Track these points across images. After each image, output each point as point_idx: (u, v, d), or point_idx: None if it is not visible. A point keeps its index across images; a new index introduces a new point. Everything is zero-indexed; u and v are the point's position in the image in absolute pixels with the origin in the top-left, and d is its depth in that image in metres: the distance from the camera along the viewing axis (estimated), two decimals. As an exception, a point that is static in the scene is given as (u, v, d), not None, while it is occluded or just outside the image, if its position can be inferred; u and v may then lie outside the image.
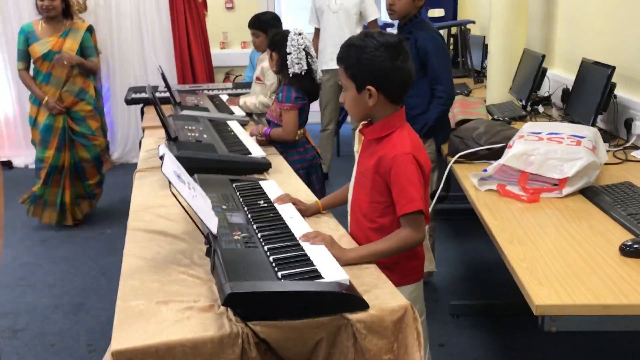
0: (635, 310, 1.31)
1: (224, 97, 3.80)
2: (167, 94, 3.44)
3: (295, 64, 2.69)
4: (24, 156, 5.90)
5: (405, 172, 1.57)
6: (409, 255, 1.72)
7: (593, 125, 2.52)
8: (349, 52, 1.62)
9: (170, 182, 1.45)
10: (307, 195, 2.09)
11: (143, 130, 3.54)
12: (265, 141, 2.79)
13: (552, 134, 2.15)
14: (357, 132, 1.85)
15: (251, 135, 2.79)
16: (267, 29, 3.42)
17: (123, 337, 1.24)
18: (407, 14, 2.77)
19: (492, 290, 3.03)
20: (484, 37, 4.75)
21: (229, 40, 6.54)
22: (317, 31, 4.56)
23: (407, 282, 1.75)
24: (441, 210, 3.91)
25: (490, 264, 3.31)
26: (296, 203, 1.86)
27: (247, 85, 4.31)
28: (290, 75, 2.71)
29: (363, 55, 1.59)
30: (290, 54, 2.68)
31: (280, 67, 2.76)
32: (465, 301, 2.86)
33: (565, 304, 1.32)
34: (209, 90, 4.27)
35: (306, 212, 1.86)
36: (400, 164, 1.58)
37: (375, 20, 4.51)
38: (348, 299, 1.30)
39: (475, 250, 3.48)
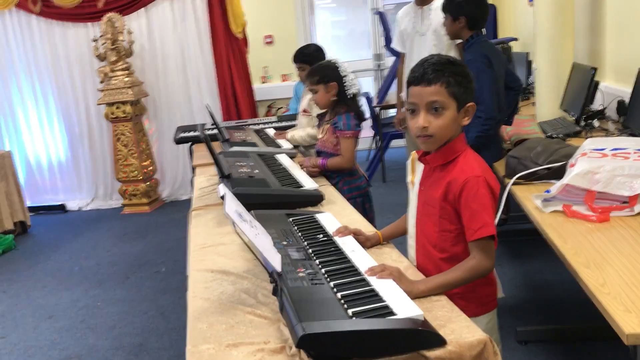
0: None
1: (270, 131, 3.83)
2: (215, 131, 3.48)
3: (352, 86, 2.74)
4: (78, 199, 6.06)
5: (477, 196, 1.52)
6: (485, 282, 1.67)
7: (657, 137, 2.42)
8: (450, 69, 1.55)
9: (233, 222, 1.44)
10: (364, 226, 2.05)
11: (193, 169, 3.58)
12: (317, 172, 2.78)
13: (616, 149, 2.06)
14: (409, 162, 1.81)
15: (301, 166, 2.79)
16: (313, 62, 3.44)
17: (197, 383, 1.22)
18: (456, 36, 2.85)
19: (558, 313, 2.90)
20: (527, 53, 4.67)
21: (270, 74, 6.63)
22: (402, 56, 4.16)
23: (484, 311, 1.70)
24: (498, 232, 3.81)
25: (555, 285, 3.18)
26: (357, 233, 1.82)
27: (291, 117, 4.33)
28: (350, 97, 2.76)
29: (465, 72, 1.56)
30: (345, 76, 2.74)
31: (339, 94, 2.77)
32: (533, 326, 2.75)
33: (658, 331, 1.23)
34: (254, 124, 4.31)
35: (366, 242, 1.82)
36: (471, 188, 1.52)
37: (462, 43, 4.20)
38: (424, 335, 1.25)
39: (536, 272, 3.36)
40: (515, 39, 5.02)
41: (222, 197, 1.52)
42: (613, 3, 3.43)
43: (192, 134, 4.21)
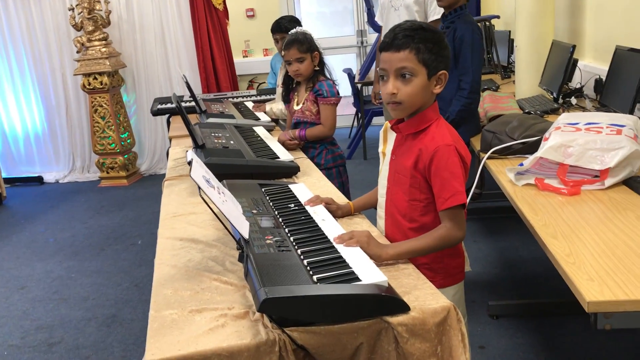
0: (695, 304, 1.23)
1: (249, 104, 3.78)
2: (193, 103, 3.43)
3: (323, 58, 2.77)
4: (55, 172, 5.98)
5: (447, 164, 1.50)
6: (453, 253, 1.67)
7: (631, 114, 2.43)
8: (421, 35, 1.51)
9: (199, 187, 1.42)
10: (337, 197, 2.04)
11: (170, 140, 3.54)
12: (295, 145, 2.75)
13: (590, 124, 2.07)
14: (381, 132, 1.79)
15: (279, 141, 2.76)
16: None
17: (157, 348, 1.21)
18: (454, 2, 2.77)
19: (531, 288, 2.94)
20: (509, 31, 4.65)
21: (251, 49, 6.55)
22: (380, 29, 4.28)
23: (451, 282, 1.69)
24: (475, 209, 3.84)
25: (527, 261, 3.21)
26: (328, 202, 1.80)
27: (271, 91, 4.29)
28: (325, 71, 2.77)
29: (437, 39, 1.53)
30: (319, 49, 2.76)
31: (319, 64, 2.77)
32: (505, 301, 2.77)
33: (619, 300, 1.24)
34: (233, 97, 4.26)
35: (337, 212, 1.81)
36: (441, 157, 1.51)
37: (437, 21, 3.91)
38: (388, 302, 1.25)
39: (511, 249, 3.39)
40: (498, 17, 5.00)
41: (190, 163, 1.49)
42: (594, -19, 3.42)
43: (169, 105, 4.16)
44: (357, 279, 1.30)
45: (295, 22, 3.63)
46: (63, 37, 5.71)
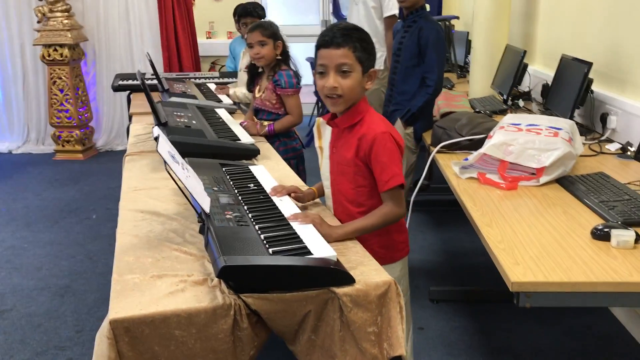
0: (602, 287, 1.40)
1: (212, 86, 3.85)
2: (155, 81, 3.47)
3: (288, 50, 2.85)
4: (9, 142, 5.88)
5: (385, 150, 1.66)
6: (399, 230, 1.82)
7: (571, 119, 2.62)
8: (357, 35, 1.67)
9: (165, 162, 1.51)
10: (295, 181, 2.15)
11: (130, 117, 3.57)
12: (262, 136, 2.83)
13: (531, 125, 2.24)
14: (315, 127, 1.90)
15: (246, 131, 2.82)
16: (258, 18, 3.49)
17: (120, 307, 1.30)
18: (416, 2, 2.90)
19: (470, 277, 3.13)
20: (468, 32, 4.84)
21: (215, 30, 6.56)
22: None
23: (399, 256, 1.86)
24: (423, 201, 4.01)
25: (469, 252, 3.41)
26: (294, 191, 1.88)
27: (234, 74, 4.35)
28: (288, 61, 2.87)
29: (369, 40, 1.69)
30: (284, 39, 2.86)
31: (282, 54, 2.86)
32: (445, 287, 2.95)
33: (538, 281, 1.40)
34: (196, 78, 4.31)
35: (304, 199, 1.90)
36: (379, 143, 1.66)
37: (393, 17, 4.01)
38: (335, 274, 1.37)
39: (455, 240, 3.58)
40: (457, 17, 5.18)
41: (156, 139, 1.57)
42: (547, -9, 3.62)
43: (131, 82, 4.17)
44: (309, 253, 1.42)
45: (261, 9, 3.72)
46: (23, 5, 5.60)
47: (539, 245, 1.58)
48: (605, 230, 1.61)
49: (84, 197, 4.45)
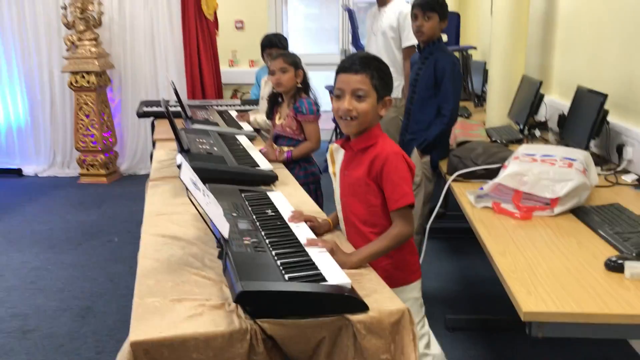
0: (616, 319, 1.41)
1: (233, 113, 3.93)
2: (179, 108, 3.56)
3: (309, 80, 2.98)
4: (35, 165, 6.03)
5: (397, 169, 1.71)
6: (411, 251, 1.88)
7: (586, 149, 2.64)
8: (375, 63, 1.76)
9: (187, 189, 1.57)
10: (312, 207, 2.20)
11: (154, 143, 3.67)
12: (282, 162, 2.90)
13: (545, 156, 2.26)
14: (328, 155, 1.96)
15: (265, 157, 2.88)
16: (284, 49, 3.63)
17: (140, 330, 1.34)
18: (433, 36, 2.97)
19: (487, 305, 3.12)
20: (485, 62, 4.89)
21: (238, 59, 6.71)
22: None
23: (414, 278, 1.90)
24: (440, 228, 4.02)
25: (486, 280, 3.40)
26: (310, 220, 1.91)
27: (254, 102, 4.45)
28: (308, 90, 2.99)
29: (386, 69, 1.77)
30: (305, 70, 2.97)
31: (302, 83, 2.96)
32: (461, 315, 2.95)
33: (551, 312, 1.42)
34: (218, 105, 4.40)
35: (319, 229, 1.92)
36: (391, 163, 1.71)
37: (411, 47, 3.95)
38: (350, 301, 1.41)
39: (471, 267, 3.58)
40: (474, 48, 5.24)
41: (179, 166, 1.63)
42: (562, 23, 3.67)
43: (155, 108, 4.28)
44: (324, 280, 1.46)
45: (285, 40, 3.84)
46: (53, 34, 5.79)
47: (552, 276, 1.60)
48: (619, 262, 1.63)
49: (106, 220, 4.54)
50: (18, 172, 5.94)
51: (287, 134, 2.98)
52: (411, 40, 4.12)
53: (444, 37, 5.45)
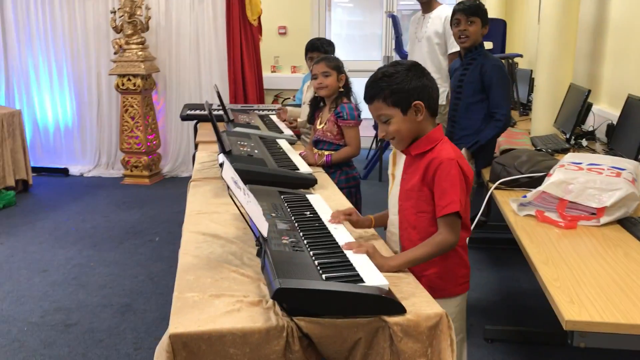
0: (663, 332, 1.36)
1: (274, 118, 3.97)
2: (221, 112, 3.61)
3: (350, 85, 2.98)
4: (81, 165, 6.21)
5: (448, 175, 1.67)
6: (460, 264, 1.82)
7: (636, 159, 2.56)
8: (382, 84, 1.72)
9: (228, 187, 1.59)
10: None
11: (196, 146, 3.73)
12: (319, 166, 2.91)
13: (592, 165, 2.21)
14: (391, 155, 1.96)
15: (304, 160, 2.90)
16: (331, 53, 3.64)
17: (179, 323, 1.36)
18: (476, 41, 2.95)
19: (527, 317, 3.05)
20: (531, 70, 4.80)
21: (280, 65, 6.77)
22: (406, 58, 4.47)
23: (460, 291, 1.85)
24: (481, 238, 3.96)
25: (526, 292, 3.33)
26: (350, 214, 1.91)
27: (295, 106, 4.47)
28: (350, 95, 2.98)
29: (400, 79, 1.70)
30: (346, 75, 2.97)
31: (344, 87, 2.96)
32: (500, 326, 2.89)
33: (594, 321, 1.38)
34: (259, 110, 4.44)
35: (360, 224, 1.94)
36: (444, 168, 1.67)
37: (456, 53, 3.85)
38: (387, 303, 1.39)
39: (512, 279, 3.51)
40: (520, 55, 5.15)
41: (221, 165, 1.66)
42: (614, 31, 3.58)
43: (198, 112, 4.35)
44: (362, 281, 1.45)
45: (331, 45, 3.85)
46: (102, 38, 5.97)
47: (596, 286, 1.55)
48: (668, 273, 1.57)
49: (148, 221, 4.63)
50: (64, 172, 6.11)
51: (327, 139, 2.98)
52: (456, 46, 4.08)
53: (490, 45, 5.42)
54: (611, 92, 3.60)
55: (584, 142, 3.34)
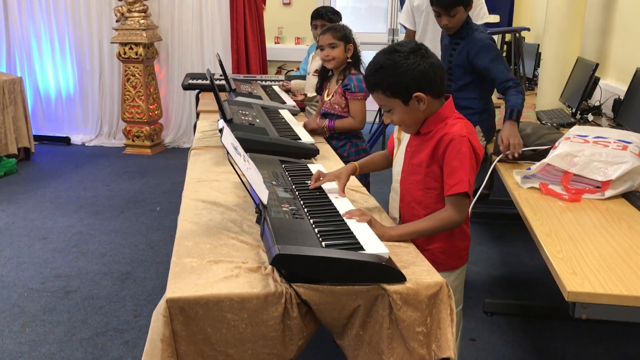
0: (666, 305, 1.35)
1: (277, 88, 3.92)
2: (223, 81, 3.57)
3: (360, 53, 2.88)
4: (82, 134, 6.18)
5: (458, 154, 1.63)
6: (462, 237, 1.81)
7: (642, 134, 2.52)
8: (382, 76, 1.65)
9: (227, 152, 1.56)
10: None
11: (197, 115, 3.69)
12: (324, 134, 2.86)
13: (598, 137, 2.17)
14: None
15: (305, 126, 2.85)
16: (337, 21, 3.56)
17: (177, 288, 1.35)
18: (459, 24, 2.74)
19: (527, 292, 3.05)
20: (538, 45, 4.73)
21: (284, 36, 6.67)
22: (411, 33, 3.99)
23: (460, 263, 1.85)
24: (483, 213, 3.95)
25: (528, 267, 3.32)
26: (330, 180, 1.88)
27: (300, 77, 4.42)
28: (359, 65, 2.87)
29: (398, 70, 1.63)
30: (357, 44, 2.86)
31: (352, 57, 2.86)
32: (500, 300, 2.89)
33: (596, 293, 1.36)
34: (262, 80, 4.40)
35: (340, 175, 1.89)
36: (454, 146, 1.63)
37: (484, 25, 3.74)
38: (387, 271, 1.38)
39: (513, 254, 3.50)
40: (528, 29, 5.07)
41: (221, 130, 1.63)
42: (623, 5, 3.50)
43: (200, 81, 4.30)
44: (362, 249, 1.43)
45: (336, 14, 3.75)
46: (104, 5, 5.88)
47: (599, 258, 1.54)
48: (672, 247, 1.55)
49: (149, 190, 4.62)
50: (66, 141, 6.08)
51: (335, 111, 2.90)
52: (485, 18, 3.88)
53: (497, 18, 5.32)
54: (619, 66, 3.54)
55: (590, 117, 3.29)
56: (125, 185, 4.76)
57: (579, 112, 3.32)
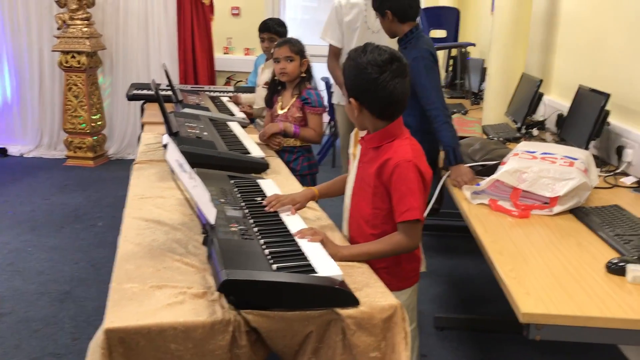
0: (617, 324, 1.35)
1: (225, 100, 3.84)
2: (170, 92, 3.47)
3: (312, 68, 2.88)
4: (21, 144, 5.91)
5: (406, 179, 1.59)
6: (410, 259, 1.77)
7: (586, 149, 2.57)
8: (346, 64, 1.67)
9: (172, 170, 1.48)
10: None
11: (142, 126, 3.57)
12: (278, 145, 2.81)
13: (546, 154, 2.20)
14: (353, 133, 1.90)
15: (265, 131, 2.82)
16: (281, 36, 3.51)
17: (116, 317, 1.26)
18: (397, 32, 2.64)
19: (477, 305, 3.06)
20: (483, 60, 4.82)
21: (233, 46, 6.59)
22: (337, 51, 3.71)
23: (406, 285, 1.81)
24: (432, 225, 3.96)
25: (476, 280, 3.34)
26: (288, 203, 1.83)
27: (249, 89, 4.35)
28: (311, 80, 2.87)
29: (352, 70, 1.63)
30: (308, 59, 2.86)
31: (307, 72, 2.86)
32: (450, 314, 2.89)
33: (550, 314, 1.35)
34: (210, 91, 4.30)
35: (298, 199, 1.85)
36: (401, 171, 1.60)
37: None
38: (339, 294, 1.33)
39: (462, 267, 3.52)
40: (473, 45, 5.17)
41: (165, 146, 1.55)
42: (565, 24, 3.60)
43: (145, 92, 4.17)
44: (314, 271, 1.38)
45: (283, 26, 3.72)
46: (44, 12, 5.66)
47: (551, 276, 1.53)
48: (621, 264, 1.56)
49: (91, 204, 4.44)
50: (3, 152, 5.80)
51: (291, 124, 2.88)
52: None
53: (443, 33, 5.41)
54: (561, 83, 3.64)
55: (535, 132, 3.36)
56: (65, 198, 4.55)
57: (524, 126, 3.37)
